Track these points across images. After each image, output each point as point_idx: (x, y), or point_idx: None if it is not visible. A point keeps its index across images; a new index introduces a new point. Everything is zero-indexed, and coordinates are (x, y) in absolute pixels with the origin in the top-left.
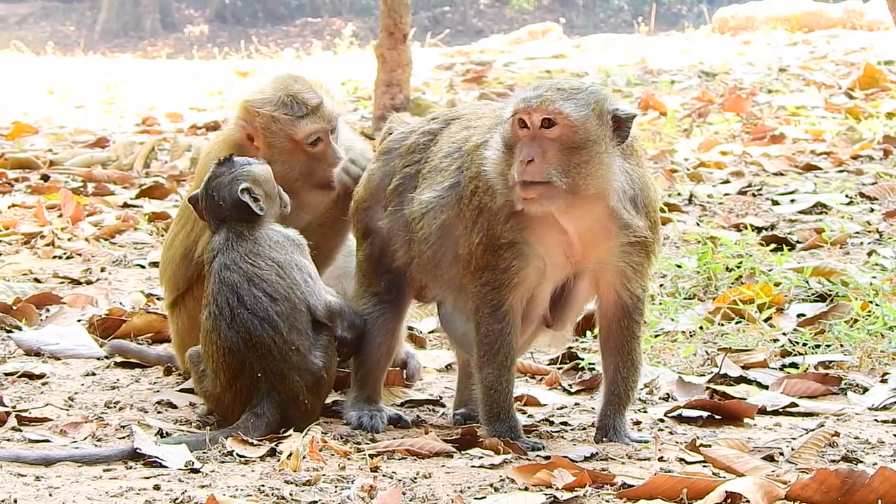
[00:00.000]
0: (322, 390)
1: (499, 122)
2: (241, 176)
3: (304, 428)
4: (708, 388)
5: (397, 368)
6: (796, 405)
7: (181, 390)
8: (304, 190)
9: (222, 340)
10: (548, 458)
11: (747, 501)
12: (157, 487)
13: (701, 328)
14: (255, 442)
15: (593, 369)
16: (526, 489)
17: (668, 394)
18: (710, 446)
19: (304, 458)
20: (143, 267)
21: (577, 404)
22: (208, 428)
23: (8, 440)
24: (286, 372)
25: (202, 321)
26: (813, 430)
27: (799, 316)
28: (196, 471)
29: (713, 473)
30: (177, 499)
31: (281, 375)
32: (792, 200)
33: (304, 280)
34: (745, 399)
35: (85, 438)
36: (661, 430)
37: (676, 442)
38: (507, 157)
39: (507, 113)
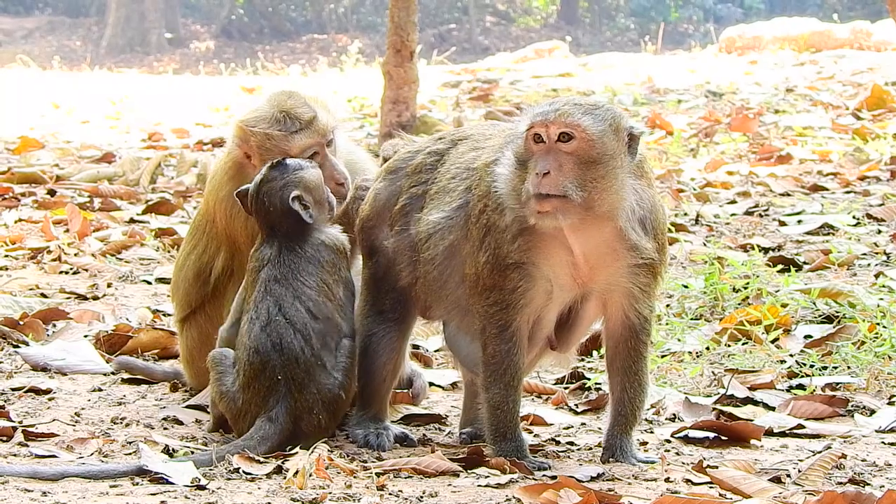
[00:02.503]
0: (338, 410)
1: (510, 139)
2: (292, 182)
3: (310, 445)
4: (715, 408)
5: (405, 391)
6: (803, 427)
7: (188, 407)
8: None
9: (251, 341)
10: (554, 477)
11: None
12: None
13: (708, 349)
14: (262, 459)
15: (600, 389)
16: None
17: (674, 414)
18: (716, 467)
19: (310, 475)
20: (149, 283)
21: (583, 424)
22: (215, 444)
23: (14, 455)
24: (306, 382)
25: (241, 327)
26: (820, 452)
27: (806, 337)
28: (202, 488)
29: (720, 495)
30: None
31: (300, 384)
32: (799, 221)
33: (349, 298)
34: (751, 420)
35: (91, 454)
36: (668, 450)
37: (683, 463)
38: (520, 172)
39: (521, 128)
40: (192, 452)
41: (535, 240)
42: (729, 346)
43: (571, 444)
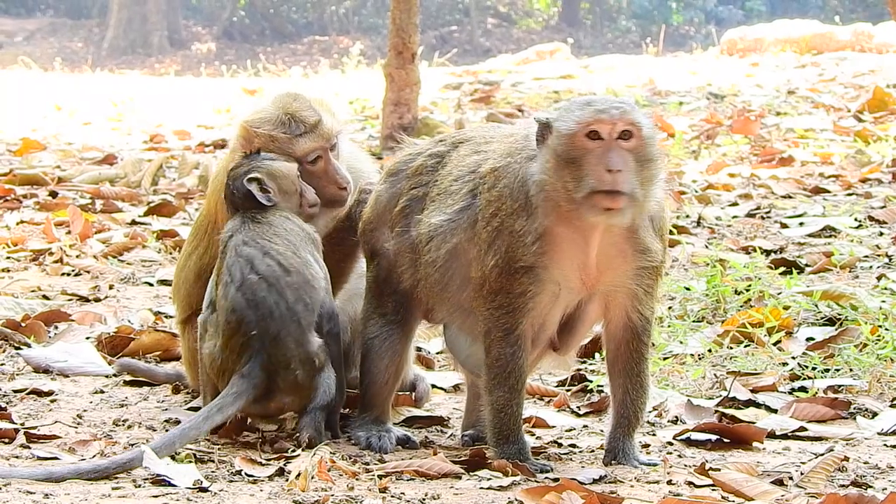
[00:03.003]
0: (315, 371)
1: (527, 141)
2: (256, 168)
3: (297, 409)
4: (717, 411)
5: (406, 393)
6: (805, 429)
7: (190, 408)
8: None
9: (227, 302)
10: (556, 480)
11: None
12: None
13: (710, 351)
14: (264, 461)
15: (602, 391)
16: None
17: (676, 417)
18: (719, 470)
19: (312, 478)
20: (151, 285)
21: (585, 426)
22: (217, 448)
23: (17, 457)
24: (282, 336)
25: (216, 297)
26: (822, 454)
27: (808, 340)
28: (204, 490)
29: (722, 497)
30: None
31: (275, 338)
32: (801, 223)
33: (316, 270)
34: (754, 423)
35: (93, 456)
36: (670, 453)
37: (685, 465)
38: (571, 170)
39: (567, 126)
40: (195, 455)
41: (552, 243)
42: (731, 348)
43: (573, 446)
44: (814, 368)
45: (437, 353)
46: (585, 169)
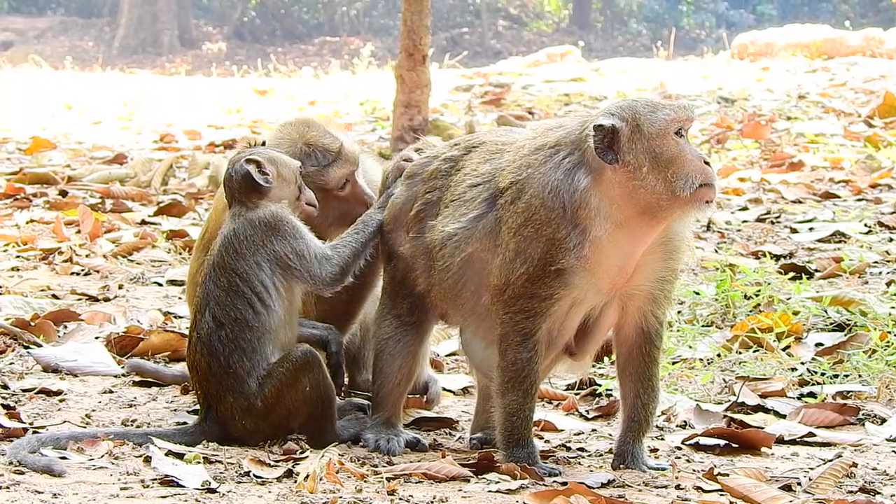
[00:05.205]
0: (262, 415)
1: (595, 148)
2: (259, 153)
3: (253, 445)
4: (725, 416)
5: (418, 396)
6: (814, 435)
7: (193, 411)
8: (339, 232)
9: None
10: (565, 484)
11: None
12: None
13: (719, 356)
14: (273, 463)
15: (611, 395)
16: None
17: (685, 421)
18: (727, 475)
19: (320, 479)
20: (160, 285)
21: (594, 430)
22: (225, 449)
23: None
24: (221, 393)
25: None
26: (830, 460)
27: (817, 345)
28: (213, 491)
29: (730, 503)
30: None
31: (216, 396)
32: (810, 228)
33: (286, 267)
34: (762, 428)
35: (102, 456)
36: (679, 457)
37: (694, 470)
38: (673, 168)
39: (658, 126)
40: (202, 456)
41: (598, 246)
42: (740, 353)
43: (582, 450)
44: (823, 374)
45: (447, 356)
46: (687, 165)
